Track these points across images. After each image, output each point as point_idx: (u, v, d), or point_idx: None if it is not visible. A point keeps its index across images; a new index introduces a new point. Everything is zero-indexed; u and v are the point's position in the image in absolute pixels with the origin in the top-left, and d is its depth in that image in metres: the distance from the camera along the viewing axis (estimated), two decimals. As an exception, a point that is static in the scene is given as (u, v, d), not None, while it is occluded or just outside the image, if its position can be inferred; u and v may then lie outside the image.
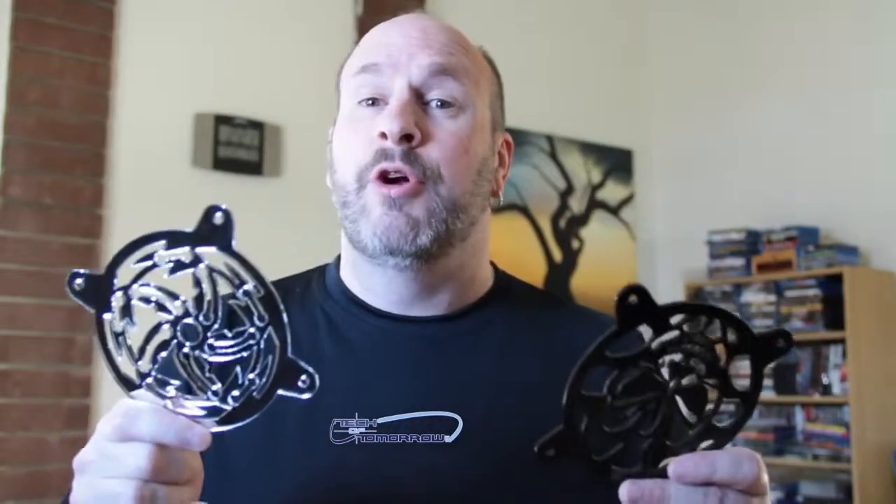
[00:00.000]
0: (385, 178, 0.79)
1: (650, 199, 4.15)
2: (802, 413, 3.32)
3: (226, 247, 0.58)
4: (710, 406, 0.59)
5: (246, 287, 0.58)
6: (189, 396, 0.59)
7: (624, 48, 4.22)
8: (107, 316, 0.60)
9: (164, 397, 0.59)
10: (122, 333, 0.60)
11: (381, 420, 0.79)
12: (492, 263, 0.92)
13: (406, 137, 0.79)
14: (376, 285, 0.84)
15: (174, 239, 0.58)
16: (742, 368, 0.61)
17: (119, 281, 0.60)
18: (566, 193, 3.90)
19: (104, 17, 2.90)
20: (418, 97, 0.81)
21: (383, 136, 0.79)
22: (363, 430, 0.78)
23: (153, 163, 2.91)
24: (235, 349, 0.59)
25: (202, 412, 0.59)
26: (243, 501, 0.77)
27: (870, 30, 3.45)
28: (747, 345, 0.59)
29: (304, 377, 0.59)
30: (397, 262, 0.80)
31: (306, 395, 0.59)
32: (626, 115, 4.18)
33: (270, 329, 0.58)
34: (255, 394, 0.59)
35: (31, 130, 2.74)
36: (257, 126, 3.10)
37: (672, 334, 0.57)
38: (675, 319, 0.57)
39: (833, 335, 3.16)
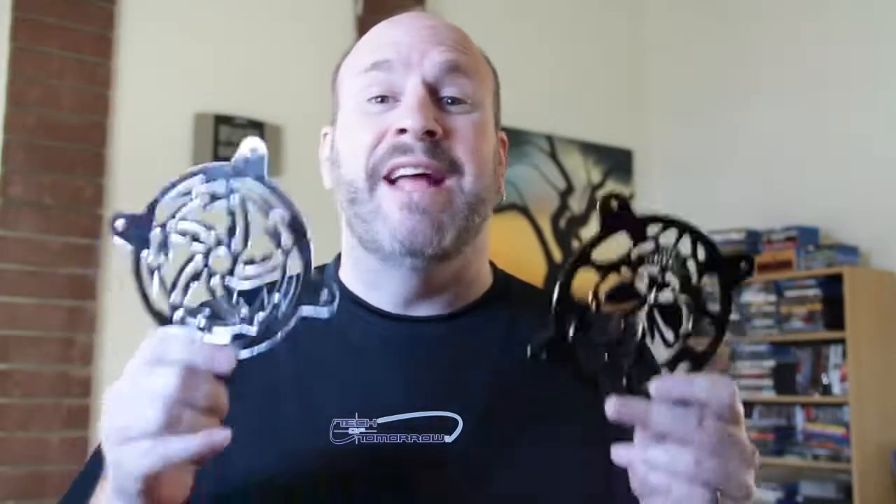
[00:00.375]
0: (393, 180, 0.79)
1: (650, 199, 4.15)
2: (802, 413, 3.32)
3: (259, 177, 0.62)
4: (686, 326, 0.63)
5: (275, 210, 0.62)
6: (218, 323, 0.62)
7: (624, 48, 4.22)
8: (143, 252, 0.62)
9: (194, 326, 0.62)
10: (158, 268, 0.62)
11: (381, 420, 0.79)
12: (490, 263, 0.92)
13: (428, 133, 0.78)
14: (383, 284, 0.84)
15: (211, 173, 0.62)
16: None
17: (157, 220, 0.63)
18: (566, 193, 3.90)
19: (104, 17, 2.90)
20: (432, 93, 0.81)
21: (401, 131, 0.78)
22: (363, 430, 0.78)
23: (153, 163, 2.91)
24: (262, 273, 0.62)
25: (230, 338, 0.62)
26: (244, 501, 0.77)
27: (870, 30, 3.44)
28: (714, 263, 0.63)
29: (325, 293, 0.62)
30: (415, 263, 0.79)
31: (326, 312, 0.62)
32: (626, 115, 4.18)
33: (295, 249, 0.62)
34: (279, 314, 0.62)
35: (31, 130, 2.74)
36: (257, 126, 3.10)
37: (649, 245, 0.62)
38: (651, 232, 0.61)
39: (833, 335, 3.16)
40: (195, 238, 0.63)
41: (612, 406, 0.61)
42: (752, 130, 3.78)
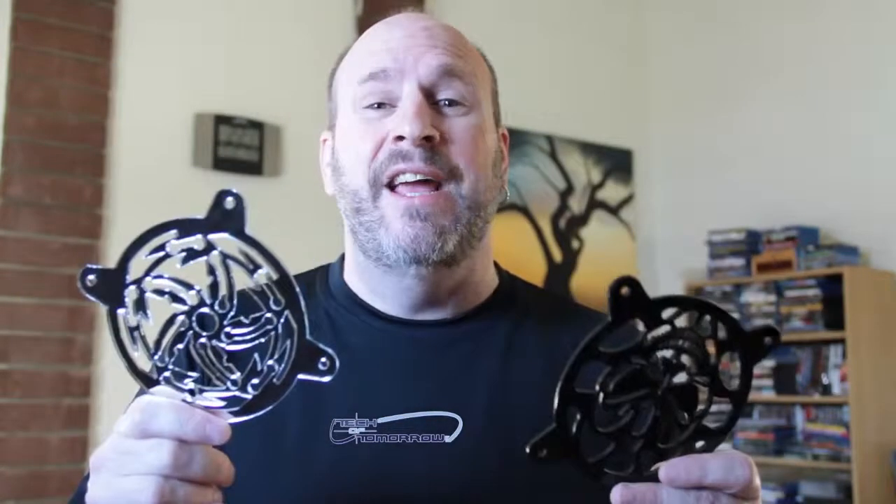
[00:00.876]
0: (394, 186, 0.79)
1: (650, 199, 4.15)
2: (802, 413, 3.32)
3: (238, 232, 0.57)
4: (701, 406, 0.59)
5: (261, 271, 0.57)
6: (208, 388, 0.58)
7: (624, 48, 4.22)
8: (120, 311, 0.59)
9: (182, 390, 0.59)
10: (137, 328, 0.59)
11: (381, 420, 0.79)
12: (495, 264, 0.92)
13: (426, 139, 0.78)
14: (387, 290, 0.84)
15: (185, 227, 0.58)
16: (735, 369, 0.61)
17: (131, 274, 0.59)
18: (566, 193, 3.90)
19: (104, 17, 2.89)
20: (428, 97, 0.81)
21: (399, 138, 0.78)
22: (363, 430, 0.78)
23: (153, 163, 2.91)
24: (253, 336, 0.58)
25: (222, 403, 0.58)
26: (243, 502, 0.77)
27: (870, 30, 3.44)
28: (737, 341, 0.59)
29: (323, 359, 0.58)
30: (419, 270, 0.79)
31: (327, 378, 0.58)
32: (626, 115, 4.18)
33: (288, 312, 0.58)
34: (274, 380, 0.58)
35: (31, 130, 2.74)
36: (257, 126, 3.10)
37: (664, 329, 0.57)
38: (666, 314, 0.56)
39: (833, 335, 3.16)
40: (175, 297, 0.59)
41: (618, 494, 0.57)
42: (752, 130, 3.78)
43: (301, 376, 0.58)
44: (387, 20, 0.87)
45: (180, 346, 0.59)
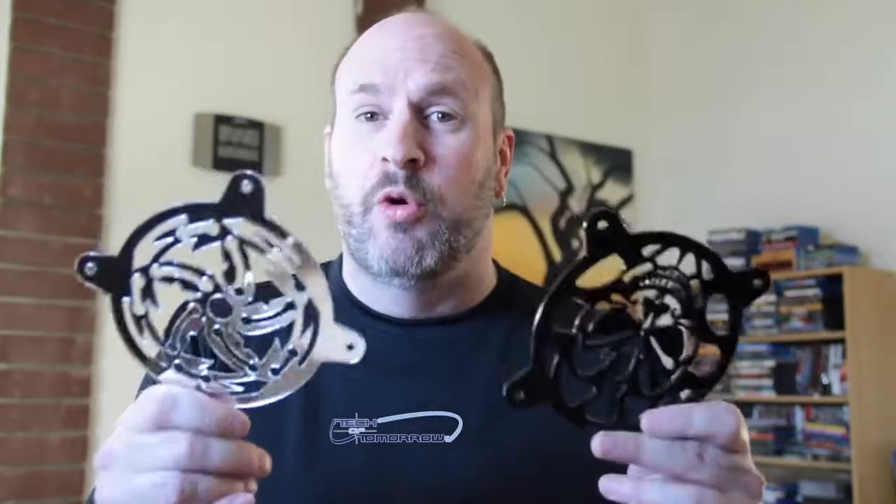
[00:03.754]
0: (390, 199, 0.79)
1: (650, 199, 4.15)
2: (802, 413, 3.32)
3: (257, 215, 0.54)
4: (687, 352, 0.56)
5: (281, 255, 0.54)
6: (223, 374, 0.56)
7: (624, 48, 4.22)
8: (125, 299, 0.55)
9: (195, 377, 0.55)
10: (145, 316, 0.55)
11: (381, 420, 0.79)
12: (495, 263, 0.92)
13: (411, 161, 0.78)
14: (379, 297, 0.85)
15: (197, 212, 0.55)
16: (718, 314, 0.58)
17: (137, 261, 0.55)
18: (566, 193, 3.90)
19: (104, 17, 2.89)
20: (418, 112, 0.80)
21: (385, 160, 0.78)
22: (363, 430, 0.78)
23: (153, 163, 2.91)
24: (273, 320, 0.56)
25: (240, 389, 0.56)
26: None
27: (870, 29, 3.44)
28: (723, 282, 0.56)
29: (349, 342, 0.56)
30: (402, 282, 0.80)
31: (354, 360, 0.56)
32: (626, 115, 4.18)
33: (311, 295, 0.55)
34: (297, 364, 0.55)
35: (31, 130, 2.74)
36: (257, 126, 3.09)
37: (645, 267, 0.54)
38: (647, 251, 0.54)
39: (833, 335, 3.16)
40: (185, 285, 0.55)
41: (599, 443, 0.54)
42: (752, 130, 3.78)
43: (327, 359, 0.56)
44: (384, 23, 0.86)
45: (193, 333, 0.56)
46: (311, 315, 0.56)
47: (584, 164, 3.97)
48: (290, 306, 0.56)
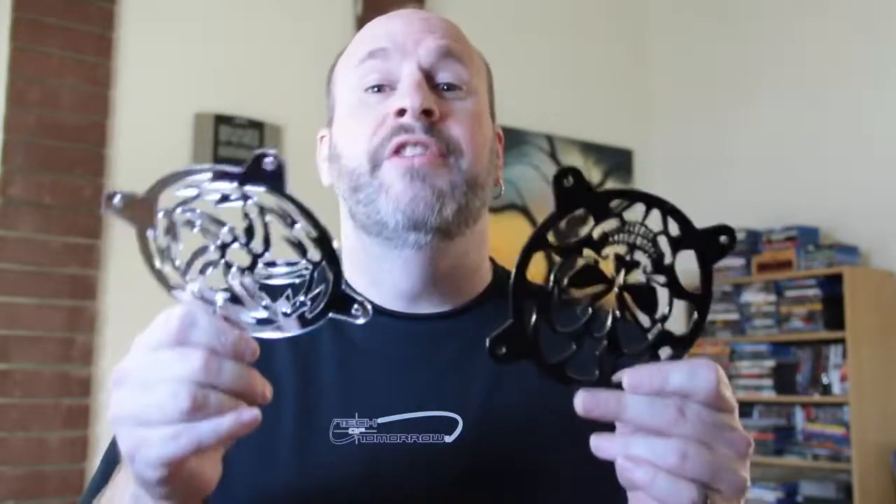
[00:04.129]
0: (401, 151, 0.79)
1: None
2: (802, 413, 3.32)
3: (278, 188, 0.57)
4: (662, 309, 0.57)
5: (298, 226, 0.58)
6: (237, 307, 0.58)
7: (624, 48, 4.22)
8: (150, 232, 0.58)
9: (212, 303, 0.58)
10: (168, 248, 0.58)
11: (381, 420, 0.79)
12: (491, 259, 0.92)
13: (426, 113, 0.79)
14: (387, 274, 0.84)
15: (221, 175, 0.57)
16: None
17: (160, 204, 0.59)
18: (566, 193, 3.90)
19: (104, 17, 2.90)
20: (428, 79, 0.82)
21: (400, 113, 0.79)
22: (363, 429, 0.78)
23: (153, 163, 2.90)
24: (287, 275, 0.58)
25: (252, 321, 0.58)
26: (242, 501, 0.77)
27: (870, 30, 3.44)
28: (690, 239, 0.57)
29: (356, 307, 0.59)
30: (418, 238, 0.79)
31: (361, 321, 0.59)
32: (626, 115, 4.18)
33: (324, 264, 0.58)
34: (306, 314, 0.58)
35: (31, 130, 2.74)
36: (257, 126, 3.10)
37: (613, 223, 0.56)
38: (614, 206, 0.56)
39: (833, 335, 3.16)
40: (206, 231, 0.58)
41: (581, 400, 0.55)
42: (752, 130, 3.78)
43: (334, 315, 0.58)
44: (385, 15, 0.88)
45: (211, 270, 0.58)
46: (323, 277, 0.59)
47: (585, 164, 3.97)
48: (304, 269, 0.59)
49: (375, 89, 0.82)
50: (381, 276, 0.84)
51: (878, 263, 3.33)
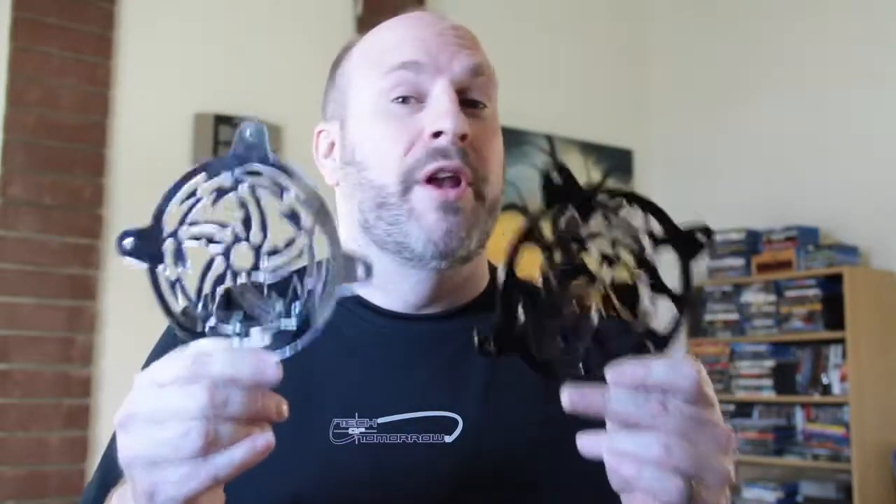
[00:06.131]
0: (434, 179, 0.79)
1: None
2: (802, 413, 3.32)
3: (263, 158, 0.59)
4: (646, 307, 0.59)
5: (289, 194, 0.59)
6: (253, 324, 0.58)
7: (624, 48, 4.22)
8: (160, 267, 0.58)
9: (228, 336, 0.58)
10: (178, 280, 0.58)
11: (381, 420, 0.79)
12: (488, 261, 0.92)
13: (462, 137, 0.78)
14: (394, 286, 0.83)
15: (213, 168, 0.59)
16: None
17: (167, 227, 0.59)
18: (566, 193, 3.90)
19: (104, 17, 2.90)
20: (457, 94, 0.81)
21: (436, 135, 0.78)
22: (363, 430, 0.78)
23: (153, 163, 2.91)
24: (289, 260, 0.59)
25: (269, 341, 0.58)
26: (242, 501, 0.76)
27: (870, 30, 3.44)
28: (670, 237, 0.58)
29: (360, 267, 0.58)
30: (440, 264, 0.79)
31: (368, 281, 0.59)
32: (626, 115, 4.18)
33: (318, 228, 0.58)
34: (317, 299, 0.58)
35: (31, 130, 2.74)
36: (257, 126, 3.09)
37: (598, 218, 0.58)
38: (599, 203, 0.58)
39: (833, 335, 3.16)
40: (211, 240, 0.59)
41: (567, 395, 0.56)
42: (752, 130, 3.78)
43: (345, 280, 0.58)
44: (408, 16, 0.86)
45: (221, 288, 0.59)
46: (321, 248, 0.59)
47: (584, 164, 3.97)
48: (302, 247, 0.59)
49: (401, 100, 0.81)
50: (388, 287, 0.84)
51: (878, 263, 3.33)
